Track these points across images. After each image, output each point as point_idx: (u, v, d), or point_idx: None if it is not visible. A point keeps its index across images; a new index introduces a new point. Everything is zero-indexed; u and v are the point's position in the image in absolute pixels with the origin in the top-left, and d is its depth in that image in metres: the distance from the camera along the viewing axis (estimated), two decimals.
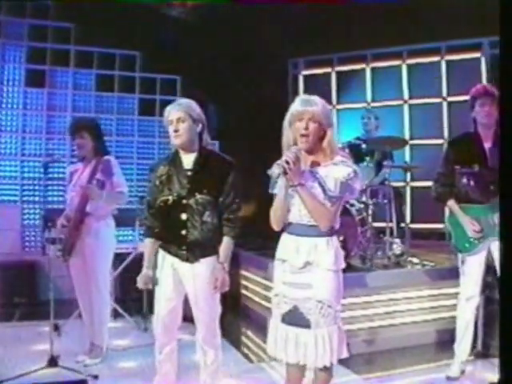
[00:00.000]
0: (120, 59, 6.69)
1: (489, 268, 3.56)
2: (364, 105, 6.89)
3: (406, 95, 6.78)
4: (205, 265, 2.85)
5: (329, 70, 7.21)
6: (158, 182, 2.90)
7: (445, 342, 4.16)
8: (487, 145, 3.45)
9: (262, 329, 4.68)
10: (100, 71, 6.58)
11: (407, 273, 4.55)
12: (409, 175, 5.95)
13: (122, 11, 6.11)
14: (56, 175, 5.91)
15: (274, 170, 2.53)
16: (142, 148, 6.69)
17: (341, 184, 2.42)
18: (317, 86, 7.20)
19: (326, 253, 2.45)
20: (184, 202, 2.82)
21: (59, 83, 6.41)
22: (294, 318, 2.46)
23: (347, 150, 4.93)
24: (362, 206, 4.81)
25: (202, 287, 2.84)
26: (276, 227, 2.55)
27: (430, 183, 3.77)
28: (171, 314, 2.91)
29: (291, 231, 2.53)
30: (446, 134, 6.50)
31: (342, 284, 2.51)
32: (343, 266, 2.53)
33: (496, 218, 3.37)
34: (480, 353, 3.87)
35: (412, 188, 6.58)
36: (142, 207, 5.22)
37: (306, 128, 2.44)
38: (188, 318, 3.05)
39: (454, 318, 4.13)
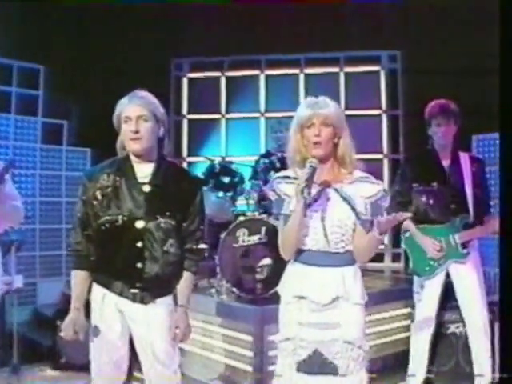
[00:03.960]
0: None
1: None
2: (257, 115, 6.39)
3: None
4: (162, 306, 2.27)
5: (218, 74, 6.56)
6: (99, 196, 2.21)
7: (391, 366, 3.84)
8: (445, 162, 3.38)
9: None
10: None
11: None
12: None
13: None
14: None
15: (283, 186, 2.22)
16: None
17: (371, 205, 2.17)
18: (203, 91, 6.57)
19: (354, 284, 2.17)
20: (139, 225, 2.22)
21: None
22: (316, 365, 2.11)
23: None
24: None
25: (160, 335, 2.25)
26: (288, 256, 2.21)
27: None
28: (118, 364, 2.31)
29: (309, 261, 2.16)
30: None
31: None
32: (367, 299, 2.24)
33: (457, 238, 3.30)
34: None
35: None
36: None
37: (318, 134, 2.12)
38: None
39: (393, 342, 3.97)
